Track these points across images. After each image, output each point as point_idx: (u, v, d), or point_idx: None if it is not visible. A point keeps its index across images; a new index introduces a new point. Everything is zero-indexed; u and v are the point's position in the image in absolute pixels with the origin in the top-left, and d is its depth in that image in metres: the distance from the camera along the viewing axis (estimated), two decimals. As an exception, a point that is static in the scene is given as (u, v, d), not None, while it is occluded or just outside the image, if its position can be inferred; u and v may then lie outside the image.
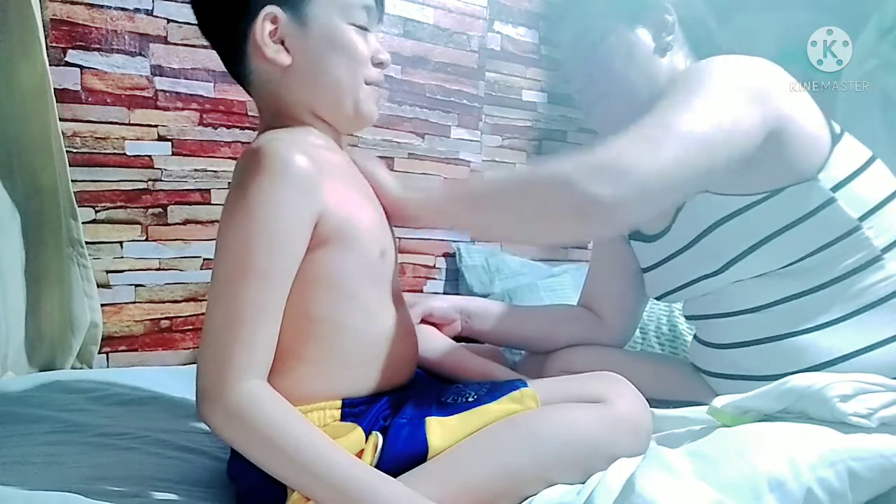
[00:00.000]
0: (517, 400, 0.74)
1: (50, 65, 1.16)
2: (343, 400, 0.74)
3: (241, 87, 0.81)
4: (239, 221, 0.68)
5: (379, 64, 0.81)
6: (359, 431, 0.71)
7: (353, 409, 0.74)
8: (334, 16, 0.76)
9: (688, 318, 1.05)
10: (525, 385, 0.77)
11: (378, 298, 0.78)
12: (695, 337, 1.05)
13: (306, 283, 0.72)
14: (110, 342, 1.36)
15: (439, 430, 0.72)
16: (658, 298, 1.07)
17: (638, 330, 1.62)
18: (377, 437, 0.71)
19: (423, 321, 1.06)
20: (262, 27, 0.75)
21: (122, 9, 1.34)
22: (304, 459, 0.64)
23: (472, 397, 0.76)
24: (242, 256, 0.67)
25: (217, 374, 0.65)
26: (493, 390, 0.77)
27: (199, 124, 1.43)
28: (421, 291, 1.83)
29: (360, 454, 0.70)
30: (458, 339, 1.07)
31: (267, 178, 0.67)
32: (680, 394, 0.96)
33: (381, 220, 0.81)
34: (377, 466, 0.69)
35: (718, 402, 0.72)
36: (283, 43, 0.76)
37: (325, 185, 0.72)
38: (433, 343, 0.96)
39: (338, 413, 0.74)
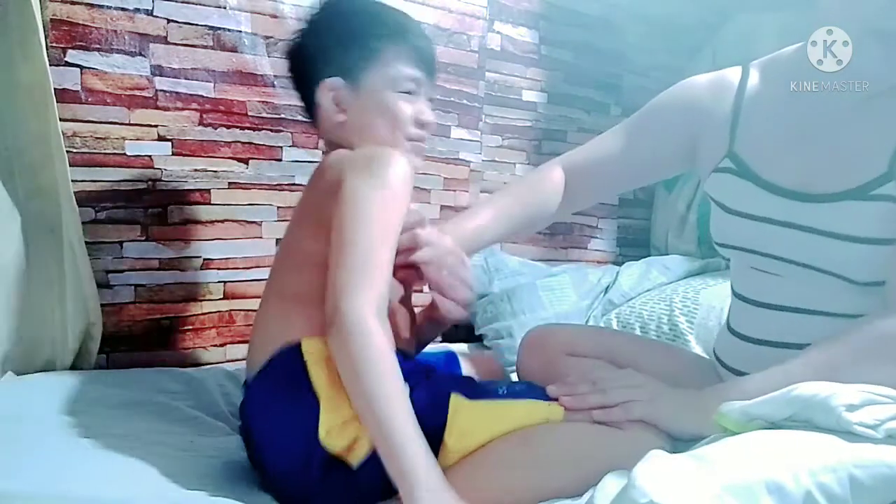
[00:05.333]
0: (544, 407, 0.83)
1: (50, 65, 1.15)
2: None
3: (240, 87, 0.84)
4: (383, 197, 0.83)
5: (421, 125, 0.97)
6: None
7: None
8: (384, 86, 0.94)
9: (741, 297, 0.95)
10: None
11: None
12: (728, 329, 0.98)
13: None
14: (110, 342, 1.35)
15: (461, 409, 0.81)
16: (724, 246, 0.96)
17: (638, 327, 1.63)
18: None
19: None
20: (325, 93, 0.94)
21: (122, 9, 1.33)
22: (377, 396, 0.73)
23: (502, 391, 0.86)
24: (385, 223, 0.82)
25: (348, 302, 0.76)
26: (527, 391, 0.87)
27: (199, 124, 1.43)
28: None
29: None
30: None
31: (400, 169, 0.85)
32: (684, 386, 0.94)
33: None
34: None
35: (725, 406, 0.72)
36: (339, 104, 0.94)
37: None
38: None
39: None
